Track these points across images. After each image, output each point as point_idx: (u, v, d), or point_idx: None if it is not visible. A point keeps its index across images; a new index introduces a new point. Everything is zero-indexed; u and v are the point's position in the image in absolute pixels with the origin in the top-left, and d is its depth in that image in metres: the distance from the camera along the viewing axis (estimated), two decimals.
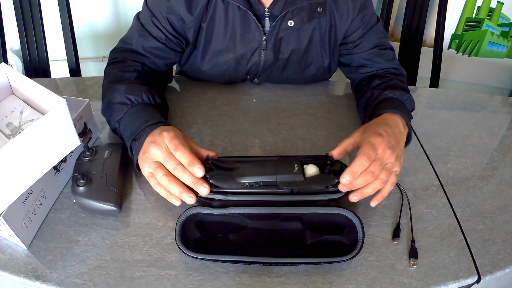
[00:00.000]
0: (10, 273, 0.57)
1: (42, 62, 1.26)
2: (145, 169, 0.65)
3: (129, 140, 0.69)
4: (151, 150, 0.63)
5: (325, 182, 0.64)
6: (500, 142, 0.89)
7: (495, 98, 1.05)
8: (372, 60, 0.89)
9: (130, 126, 0.69)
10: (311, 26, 0.86)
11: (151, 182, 0.65)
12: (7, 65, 0.66)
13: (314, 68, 0.93)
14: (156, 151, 0.63)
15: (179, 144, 0.62)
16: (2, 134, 0.63)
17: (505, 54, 1.74)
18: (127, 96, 0.72)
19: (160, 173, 0.62)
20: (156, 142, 0.63)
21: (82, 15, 1.64)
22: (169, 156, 0.62)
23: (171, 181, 0.62)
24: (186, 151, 0.62)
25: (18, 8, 1.18)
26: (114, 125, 0.73)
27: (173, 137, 0.63)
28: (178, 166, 0.61)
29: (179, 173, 0.61)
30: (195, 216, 0.64)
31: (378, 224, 0.67)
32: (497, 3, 1.62)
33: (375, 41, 0.88)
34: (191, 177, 0.61)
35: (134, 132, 0.68)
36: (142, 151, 0.66)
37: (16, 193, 0.56)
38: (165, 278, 0.58)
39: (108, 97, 0.74)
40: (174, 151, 0.62)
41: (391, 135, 0.67)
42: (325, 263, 0.59)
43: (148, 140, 0.65)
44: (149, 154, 0.64)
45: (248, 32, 0.84)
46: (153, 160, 0.64)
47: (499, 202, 0.74)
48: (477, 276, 0.61)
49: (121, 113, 0.71)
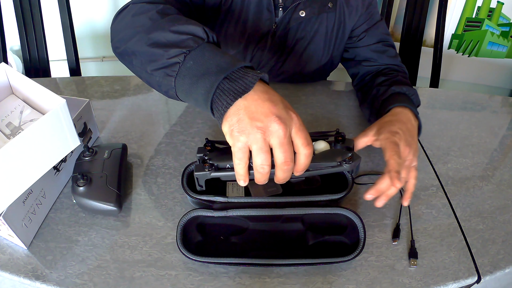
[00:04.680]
0: (10, 273, 0.57)
1: (42, 62, 1.26)
2: (243, 137, 0.46)
3: (216, 76, 0.48)
4: (272, 125, 0.45)
5: (338, 156, 0.55)
6: (500, 142, 0.89)
7: (495, 98, 1.05)
8: (376, 55, 0.90)
9: (211, 59, 0.50)
10: (318, 20, 0.88)
11: (238, 153, 0.47)
12: (7, 65, 0.66)
13: (316, 63, 0.94)
14: (279, 131, 0.45)
15: (310, 141, 0.48)
16: (2, 134, 0.63)
17: (505, 54, 1.74)
18: (204, 28, 0.54)
19: (265, 161, 0.47)
20: (282, 118, 0.46)
21: (82, 15, 1.64)
22: (289, 146, 0.47)
23: (267, 174, 0.48)
24: (312, 154, 0.49)
25: (18, 8, 1.18)
26: (172, 59, 0.52)
27: (303, 126, 0.48)
28: (291, 162, 0.48)
29: (286, 169, 0.48)
30: (196, 218, 0.64)
31: (378, 224, 0.67)
32: (497, 3, 1.62)
33: (379, 37, 0.91)
34: (290, 176, 0.50)
35: (225, 68, 0.48)
36: (250, 112, 0.46)
37: (16, 193, 0.56)
38: (165, 278, 0.58)
39: (163, 24, 0.56)
40: (303, 146, 0.47)
41: (406, 131, 0.66)
42: (326, 263, 0.59)
43: (266, 103, 0.46)
44: (265, 127, 0.45)
45: (260, 19, 0.86)
46: (264, 136, 0.46)
47: (499, 202, 0.74)
48: (477, 276, 0.61)
49: (193, 44, 0.52)
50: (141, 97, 0.94)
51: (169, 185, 0.72)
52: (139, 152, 0.78)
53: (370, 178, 0.76)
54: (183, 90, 0.51)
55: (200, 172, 0.53)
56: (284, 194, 0.68)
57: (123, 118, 0.86)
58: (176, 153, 0.78)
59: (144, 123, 0.85)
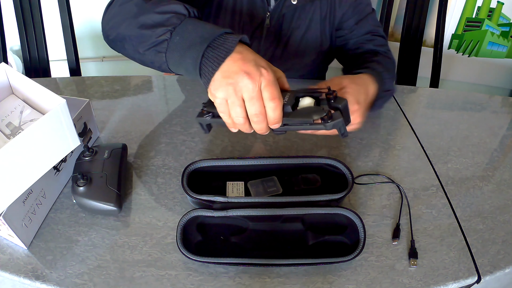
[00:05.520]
0: (10, 273, 0.57)
1: (42, 62, 1.26)
2: (218, 93, 0.52)
3: (201, 46, 0.53)
4: (241, 80, 0.50)
5: (314, 114, 0.52)
6: (500, 142, 0.89)
7: (495, 98, 1.05)
8: (364, 43, 0.93)
9: (194, 31, 0.55)
10: (312, 8, 0.90)
11: (220, 107, 0.53)
12: (7, 65, 0.66)
13: (314, 50, 0.96)
14: (248, 85, 0.50)
15: (277, 96, 0.51)
16: (2, 134, 0.63)
17: (505, 54, 1.74)
18: (185, 6, 0.59)
19: (239, 113, 0.52)
20: (251, 74, 0.51)
21: (82, 15, 1.65)
22: (258, 100, 0.51)
23: (246, 125, 0.54)
24: (279, 108, 0.52)
25: (18, 8, 1.18)
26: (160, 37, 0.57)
27: (273, 81, 0.52)
28: (260, 115, 0.52)
29: (257, 121, 0.53)
30: (196, 218, 0.64)
31: (378, 224, 0.67)
32: (497, 3, 1.62)
33: (369, 28, 0.93)
34: (266, 128, 0.54)
35: (208, 38, 0.53)
36: (223, 71, 0.52)
37: (16, 193, 0.56)
38: (165, 278, 0.58)
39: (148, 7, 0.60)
40: (268, 100, 0.51)
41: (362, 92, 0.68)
42: (326, 263, 0.59)
43: (238, 62, 0.52)
44: (235, 83, 0.51)
45: (253, 9, 0.87)
46: (235, 91, 0.51)
47: (499, 202, 0.74)
48: (477, 276, 0.61)
49: (176, 21, 0.57)
50: (141, 97, 0.94)
51: (169, 185, 0.72)
52: (139, 152, 0.78)
53: (370, 178, 0.76)
54: (173, 63, 0.57)
55: (200, 117, 0.58)
56: (284, 194, 0.68)
57: (123, 118, 0.86)
58: (176, 153, 0.78)
59: (144, 123, 0.85)
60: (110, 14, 0.67)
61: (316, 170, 0.72)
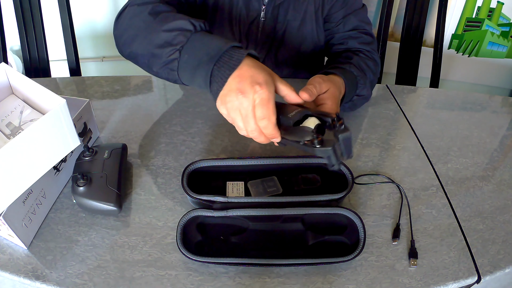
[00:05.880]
0: (10, 273, 0.57)
1: (42, 62, 1.26)
2: (221, 110, 0.56)
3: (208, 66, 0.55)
4: (236, 99, 0.53)
5: (306, 135, 0.53)
6: (500, 142, 0.89)
7: (495, 98, 1.05)
8: (348, 39, 0.92)
9: (201, 49, 0.57)
10: (306, 0, 0.91)
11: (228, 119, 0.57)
12: (7, 65, 0.66)
13: (311, 44, 0.96)
14: (243, 104, 0.52)
15: (267, 115, 0.52)
16: (2, 134, 0.63)
17: (505, 54, 1.74)
18: (190, 20, 0.60)
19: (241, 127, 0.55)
20: (245, 92, 0.52)
21: (82, 15, 1.64)
22: (251, 118, 0.53)
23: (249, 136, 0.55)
24: (270, 126, 0.53)
25: (18, 8, 1.18)
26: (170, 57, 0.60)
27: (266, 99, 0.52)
28: (255, 131, 0.54)
29: (255, 136, 0.55)
30: (196, 218, 0.64)
31: (378, 224, 0.67)
32: (497, 3, 1.62)
33: (356, 24, 0.93)
34: (265, 141, 0.56)
35: (214, 56, 0.55)
36: (225, 89, 0.54)
37: (16, 193, 0.56)
38: (165, 278, 0.58)
39: (155, 26, 0.62)
40: (259, 119, 0.53)
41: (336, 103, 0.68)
42: (326, 263, 0.59)
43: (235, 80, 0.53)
44: (231, 101, 0.53)
45: (249, 2, 0.89)
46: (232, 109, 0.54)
47: (499, 202, 0.74)
48: (477, 276, 0.61)
49: (183, 39, 0.59)
50: (141, 97, 0.94)
51: (169, 185, 0.72)
52: (139, 152, 0.78)
53: (370, 178, 0.76)
54: (186, 80, 0.60)
55: None
56: (284, 194, 0.69)
57: (123, 118, 0.86)
58: (176, 153, 0.78)
59: (144, 123, 0.85)
60: (121, 26, 0.69)
61: (316, 170, 0.73)
